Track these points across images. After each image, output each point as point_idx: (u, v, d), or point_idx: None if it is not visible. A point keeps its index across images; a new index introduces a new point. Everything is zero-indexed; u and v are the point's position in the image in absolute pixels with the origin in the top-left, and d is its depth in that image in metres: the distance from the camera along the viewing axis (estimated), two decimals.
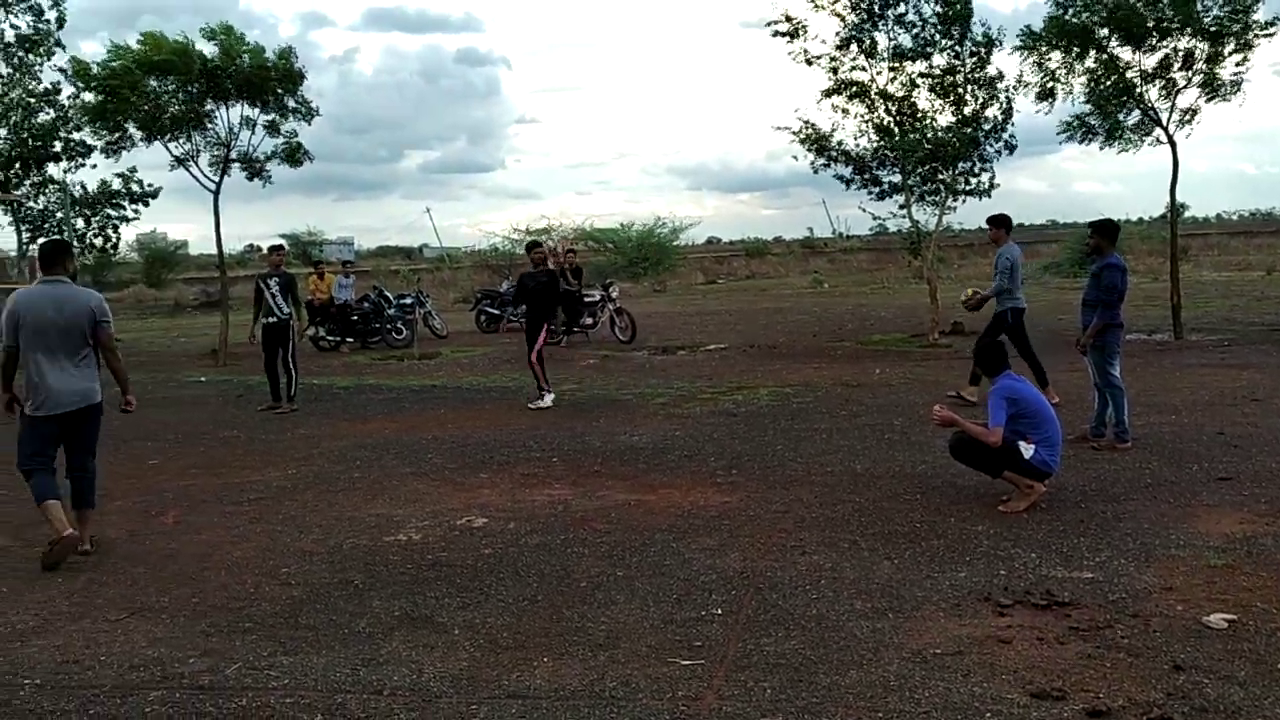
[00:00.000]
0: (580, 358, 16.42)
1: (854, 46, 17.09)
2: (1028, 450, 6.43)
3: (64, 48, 20.12)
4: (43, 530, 6.25)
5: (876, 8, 16.72)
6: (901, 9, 16.75)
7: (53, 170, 20.72)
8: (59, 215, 20.06)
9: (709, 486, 7.46)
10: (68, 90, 19.96)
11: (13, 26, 19.83)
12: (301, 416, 11.65)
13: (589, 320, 18.85)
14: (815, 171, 18.04)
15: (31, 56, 19.98)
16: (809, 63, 17.31)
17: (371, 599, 5.26)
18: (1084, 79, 16.03)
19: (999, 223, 10.62)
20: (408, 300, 20.76)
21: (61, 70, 19.62)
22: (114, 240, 21.93)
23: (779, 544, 5.95)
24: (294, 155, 18.41)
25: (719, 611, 4.87)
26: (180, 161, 17.95)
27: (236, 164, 18.21)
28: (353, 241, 73.42)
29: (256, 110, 17.72)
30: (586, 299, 18.82)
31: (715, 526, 6.38)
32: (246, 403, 12.83)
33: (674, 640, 4.54)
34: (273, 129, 18.01)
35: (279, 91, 17.60)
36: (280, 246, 13.77)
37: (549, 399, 11.42)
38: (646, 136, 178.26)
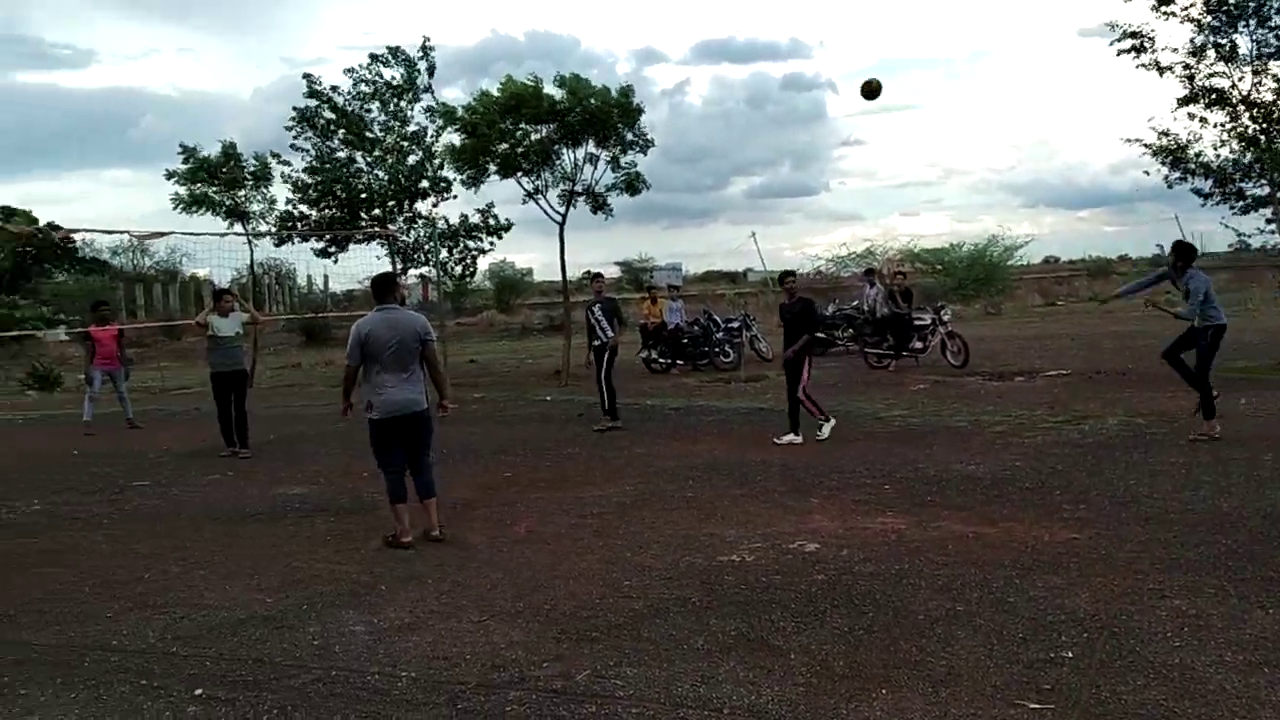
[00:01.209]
0: (910, 382, 16.06)
1: (1211, 52, 15.73)
2: None
3: (433, 94, 22.12)
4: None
5: (1233, 8, 15.31)
6: (1265, 7, 15.24)
7: (420, 206, 22.84)
8: (427, 247, 22.03)
9: (1054, 521, 7.07)
10: (435, 133, 22.00)
11: (390, 80, 22.04)
12: (637, 435, 12.12)
13: (919, 344, 18.40)
14: (1170, 186, 16.73)
15: (404, 103, 22.14)
16: (1160, 72, 16.11)
17: (708, 617, 5.40)
18: None
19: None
20: (734, 323, 21.11)
21: (429, 110, 21.67)
22: (471, 269, 23.82)
23: (1134, 586, 5.55)
24: (633, 185, 19.36)
25: (1069, 654, 4.61)
26: (531, 195, 19.30)
27: (581, 197, 19.37)
28: (681, 267, 75.77)
29: (600, 148, 18.82)
30: (917, 322, 18.38)
31: (1062, 564, 6.04)
32: (587, 420, 13.51)
33: (1020, 681, 4.35)
34: (614, 164, 19.03)
35: (619, 127, 18.56)
36: (599, 275, 14.53)
37: (828, 428, 11.16)
38: (977, 153, 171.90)
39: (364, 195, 22.04)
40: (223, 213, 23.56)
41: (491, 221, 22.46)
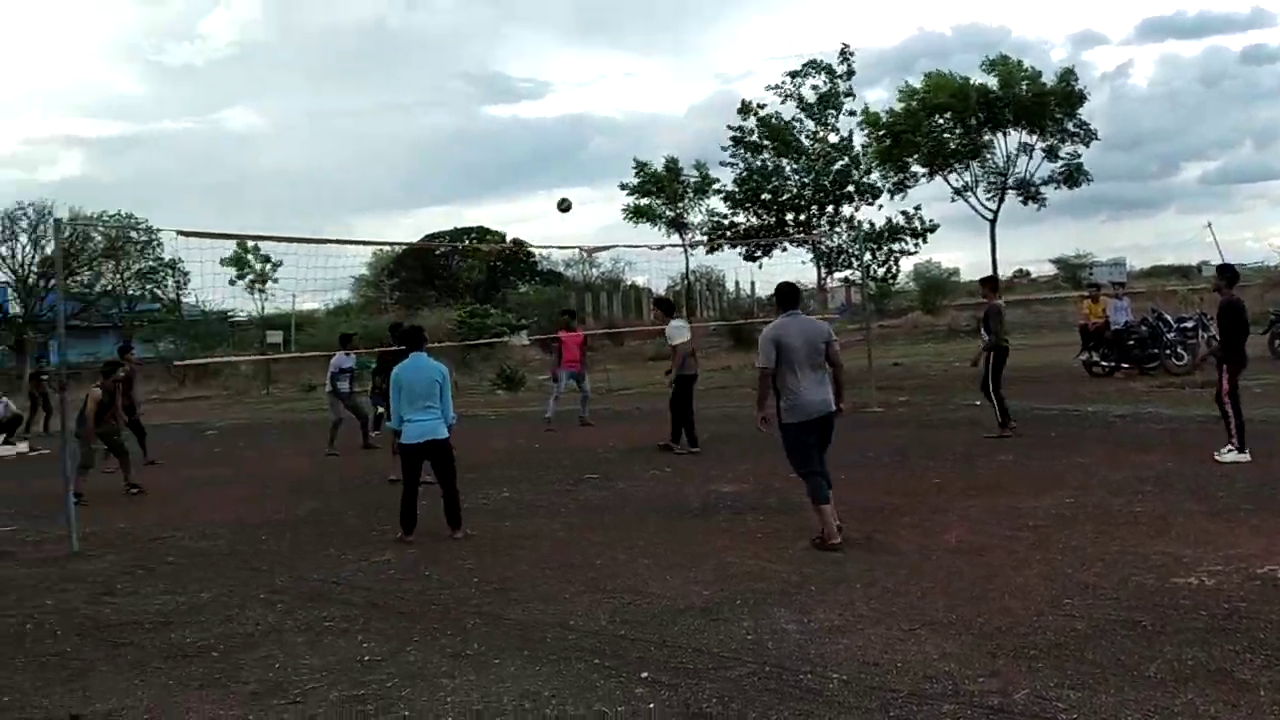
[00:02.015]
0: None
1: None
2: None
3: (853, 98, 22.21)
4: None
5: None
6: None
7: (845, 210, 22.99)
8: (851, 251, 22.12)
9: None
10: (859, 138, 22.06)
11: (814, 88, 22.38)
12: (1077, 442, 11.41)
13: None
14: None
15: (828, 111, 22.39)
16: None
17: (1162, 643, 4.99)
18: None
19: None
20: (1189, 323, 19.22)
21: (851, 113, 21.79)
22: (895, 271, 23.61)
23: None
24: (1073, 177, 18.24)
25: None
26: (959, 193, 18.80)
27: (1013, 190, 18.54)
28: (1124, 262, 69.95)
29: (1034, 136, 17.88)
30: None
31: None
32: (1018, 427, 12.90)
33: None
34: (1051, 154, 18.03)
35: (1057, 115, 17.55)
36: (989, 279, 14.25)
37: (1230, 454, 9.70)
38: None
39: (789, 201, 22.53)
40: (664, 223, 25.11)
41: (917, 224, 22.14)
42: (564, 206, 12.54)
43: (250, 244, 37.19)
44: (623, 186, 24.87)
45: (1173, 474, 9.25)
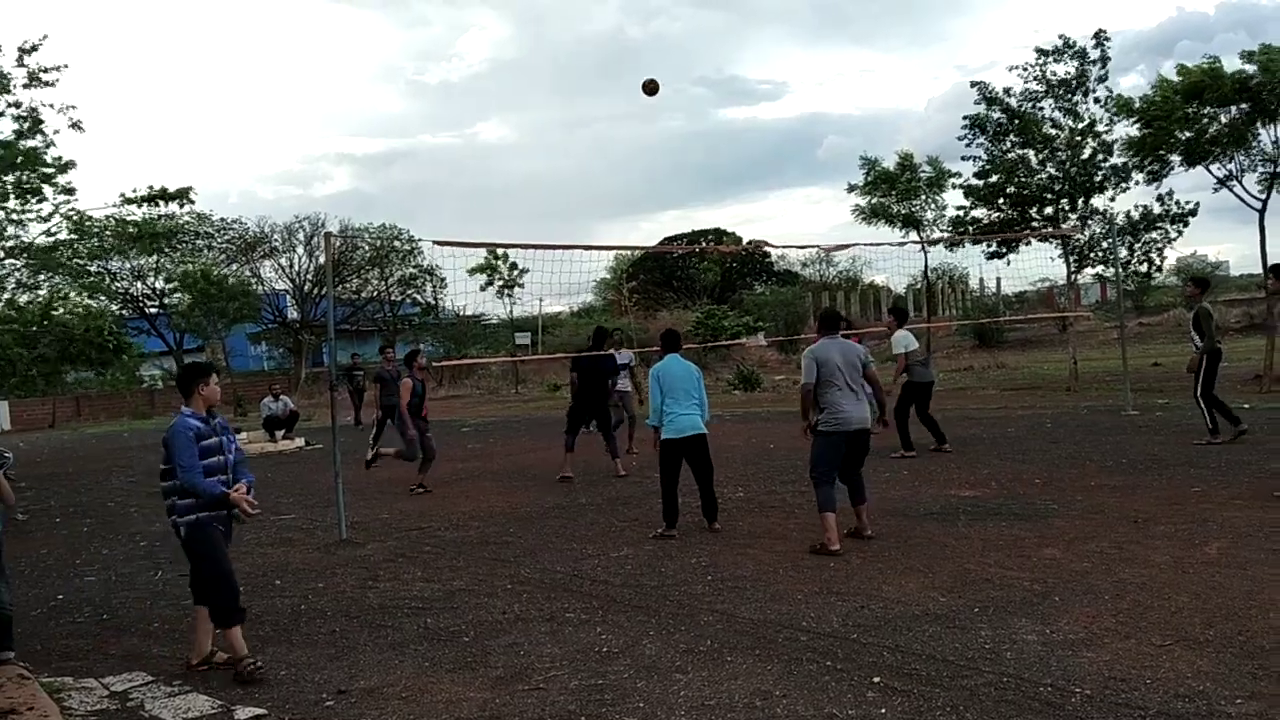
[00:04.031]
0: None
1: None
2: None
3: (1107, 85, 20.98)
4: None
5: None
6: None
7: (1096, 201, 21.76)
8: (1104, 245, 20.95)
9: None
10: (1109, 122, 20.82)
11: (1065, 74, 21.30)
12: None
13: None
14: None
15: (1076, 97, 21.24)
16: None
17: None
18: None
19: None
20: None
21: (1098, 100, 20.59)
22: (1157, 264, 22.17)
23: None
24: None
25: None
26: (1222, 182, 17.45)
27: None
28: None
29: None
30: None
31: None
32: None
33: None
34: None
35: None
36: (1193, 280, 13.10)
37: None
38: None
39: (1035, 193, 21.56)
40: (899, 221, 24.53)
41: (1174, 209, 20.69)
42: (650, 88, 12.13)
43: (500, 251, 38.88)
44: (851, 188, 24.50)
45: None
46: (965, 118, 22.32)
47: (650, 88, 12.25)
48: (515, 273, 44.41)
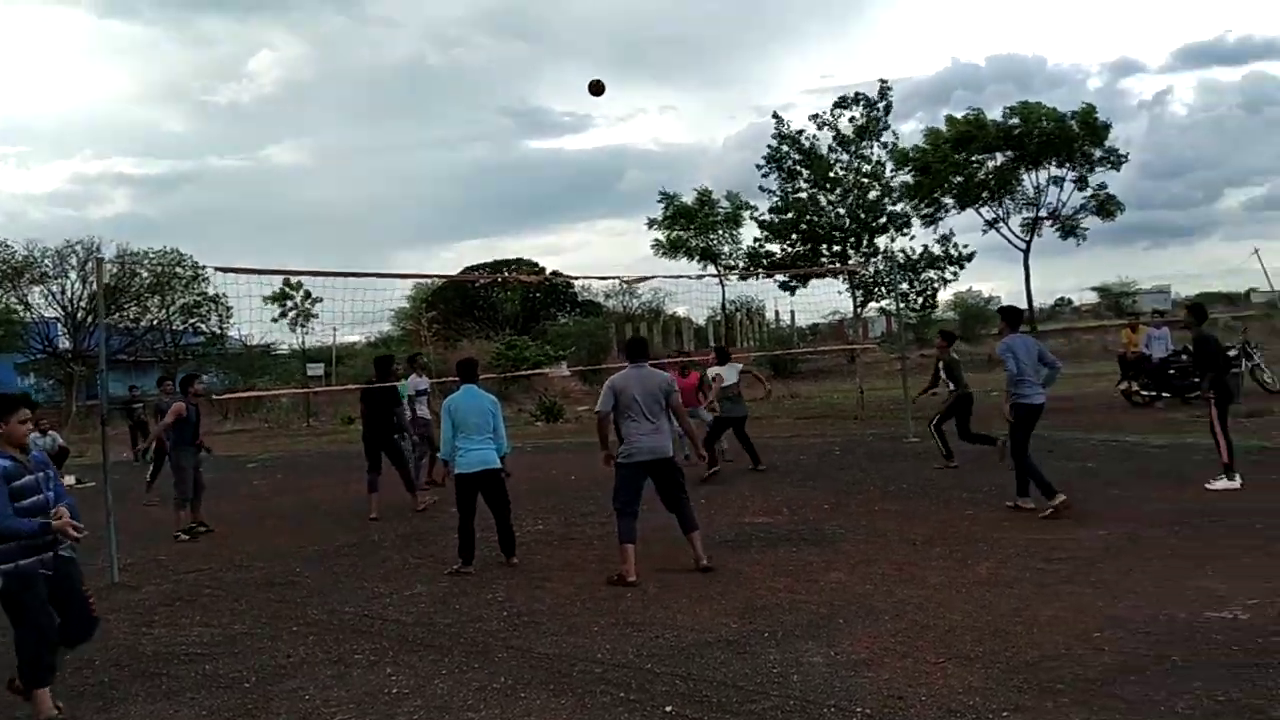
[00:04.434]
0: None
1: None
2: None
3: (891, 130, 22.27)
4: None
5: None
6: None
7: (880, 240, 22.99)
8: (887, 281, 22.07)
9: None
10: (891, 168, 22.11)
11: (851, 120, 22.46)
12: (1114, 474, 11.27)
13: None
14: None
15: (863, 142, 22.45)
16: None
17: (1192, 679, 4.93)
18: None
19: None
20: (1232, 351, 18.92)
21: (884, 145, 21.81)
22: (932, 300, 23.54)
23: None
24: (1105, 207, 18.14)
25: None
26: (990, 224, 18.74)
27: (1047, 222, 18.47)
28: (1169, 290, 69.15)
29: (1065, 169, 17.82)
30: None
31: None
32: (1056, 458, 12.78)
33: None
34: (1081, 183, 17.94)
35: (1084, 145, 17.49)
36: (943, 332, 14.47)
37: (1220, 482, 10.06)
38: None
39: (825, 231, 22.57)
40: (697, 254, 25.15)
41: (953, 251, 22.08)
42: (596, 89, 12.06)
43: (293, 279, 37.59)
44: (651, 222, 25.17)
45: (1209, 507, 9.13)
46: (768, 146, 23.19)
47: (596, 88, 12.15)
48: (309, 301, 43.04)
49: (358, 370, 37.58)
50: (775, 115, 22.52)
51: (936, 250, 21.90)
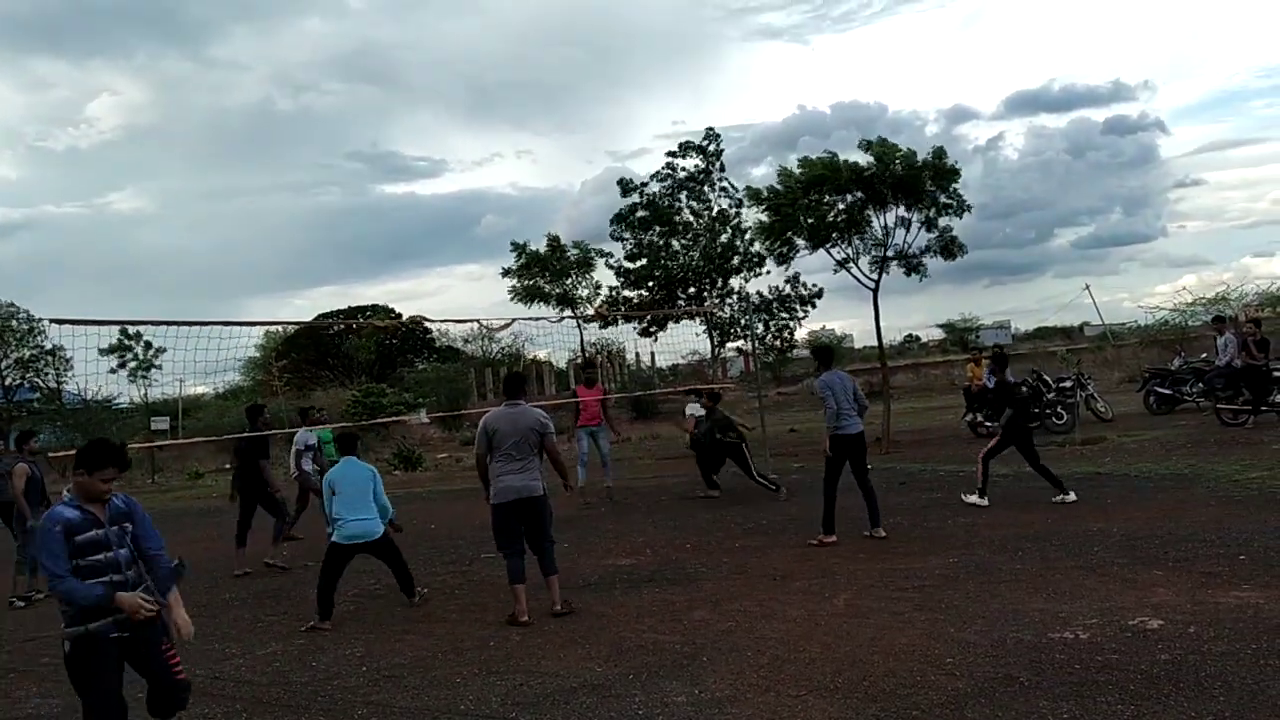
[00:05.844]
0: (1271, 440, 14.53)
1: None
2: None
3: (725, 178, 22.91)
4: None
5: None
6: None
7: (734, 282, 23.50)
8: (743, 321, 22.53)
9: None
10: (746, 205, 22.75)
11: (694, 167, 23.00)
12: (960, 506, 11.70)
13: None
14: None
15: (705, 189, 23.03)
16: None
17: (1038, 699, 5.14)
18: None
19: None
20: (1067, 383, 19.95)
21: (724, 190, 22.41)
22: (789, 340, 24.12)
23: None
24: (949, 248, 18.94)
25: None
26: (841, 264, 19.34)
27: (894, 261, 19.16)
28: (1009, 325, 72.50)
29: (911, 211, 18.54)
30: (1277, 374, 16.62)
31: None
32: (909, 489, 13.22)
33: None
34: (928, 225, 18.70)
35: (931, 190, 18.25)
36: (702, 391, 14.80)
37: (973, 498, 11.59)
38: None
39: (680, 275, 22.96)
40: (553, 300, 25.23)
41: (803, 291, 22.72)
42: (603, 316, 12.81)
43: (133, 330, 36.09)
44: (505, 271, 25.31)
45: (1051, 531, 9.56)
46: (617, 210, 23.54)
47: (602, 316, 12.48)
48: (150, 352, 41.36)
49: (208, 422, 36.23)
50: (621, 182, 23.10)
51: (787, 290, 22.52)
